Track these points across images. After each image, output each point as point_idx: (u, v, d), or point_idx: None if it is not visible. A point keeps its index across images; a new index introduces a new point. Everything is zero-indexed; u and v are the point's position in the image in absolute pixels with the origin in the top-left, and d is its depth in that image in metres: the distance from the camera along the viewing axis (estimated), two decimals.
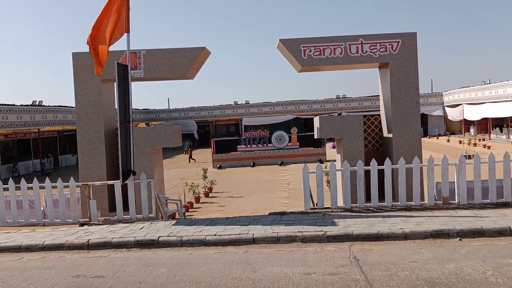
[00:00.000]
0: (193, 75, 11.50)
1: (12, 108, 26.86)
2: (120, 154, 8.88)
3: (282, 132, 28.82)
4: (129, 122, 9.10)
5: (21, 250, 7.68)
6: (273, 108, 48.45)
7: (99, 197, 10.40)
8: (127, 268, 6.44)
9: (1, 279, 6.24)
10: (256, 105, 48.97)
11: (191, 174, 22.73)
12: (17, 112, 27.20)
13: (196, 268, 6.26)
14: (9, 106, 26.73)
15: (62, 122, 32.12)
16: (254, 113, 48.06)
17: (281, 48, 10.84)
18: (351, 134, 10.24)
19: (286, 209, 11.66)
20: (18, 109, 27.35)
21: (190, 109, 50.17)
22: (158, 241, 7.47)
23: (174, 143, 10.78)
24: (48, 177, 10.09)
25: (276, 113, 47.33)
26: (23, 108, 27.95)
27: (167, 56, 10.76)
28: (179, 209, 10.99)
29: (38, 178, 9.77)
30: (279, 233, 7.37)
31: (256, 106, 48.94)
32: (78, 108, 10.93)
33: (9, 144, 30.84)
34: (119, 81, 8.93)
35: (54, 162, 33.00)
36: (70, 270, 6.48)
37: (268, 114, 47.40)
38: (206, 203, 15.29)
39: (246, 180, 20.68)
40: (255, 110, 48.50)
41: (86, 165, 10.78)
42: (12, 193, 9.62)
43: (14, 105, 27.32)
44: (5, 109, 26.14)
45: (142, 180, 9.26)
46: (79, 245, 7.61)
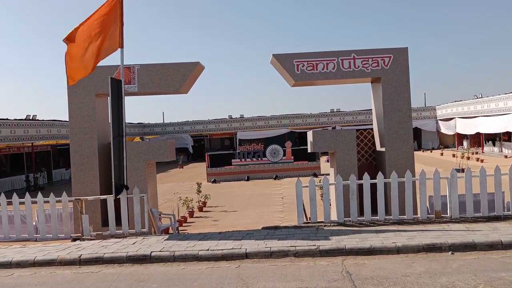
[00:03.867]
0: (187, 90, 11.55)
1: (6, 122, 26.73)
2: (113, 169, 8.86)
3: (277, 146, 28.86)
4: (122, 137, 9.11)
5: (11, 266, 7.60)
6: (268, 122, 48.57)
7: (92, 212, 10.35)
8: (119, 284, 6.39)
9: None
10: (250, 119, 49.08)
11: (185, 189, 22.66)
12: (11, 126, 27.07)
13: (188, 283, 6.22)
14: (2, 120, 26.59)
15: (56, 137, 31.97)
16: (249, 127, 48.17)
17: (275, 63, 10.93)
18: (344, 148, 10.29)
19: (280, 223, 11.63)
20: (11, 123, 27.22)
21: (184, 123, 50.19)
22: (151, 256, 7.42)
23: (168, 157, 10.78)
24: (41, 191, 10.04)
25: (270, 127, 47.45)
26: (16, 122, 27.82)
27: (161, 71, 10.82)
28: (172, 224, 10.94)
29: (31, 193, 9.71)
30: (272, 248, 7.35)
31: (251, 120, 49.05)
32: (72, 122, 10.93)
33: (1, 159, 30.64)
34: (113, 95, 8.96)
35: (47, 176, 32.77)
36: (61, 286, 6.43)
37: (263, 128, 47.51)
38: (200, 217, 15.22)
39: (240, 194, 20.64)
40: (249, 124, 48.60)
41: (79, 180, 10.74)
42: (4, 208, 9.55)
43: (8, 119, 27.19)
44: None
45: (135, 194, 9.24)
46: (71, 260, 7.55)
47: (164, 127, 50.75)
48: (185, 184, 25.43)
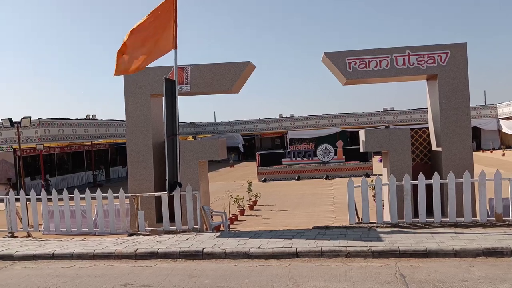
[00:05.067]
0: (238, 89, 11.68)
1: (68, 122, 28.26)
2: (167, 167, 9.13)
3: (328, 145, 28.56)
4: (176, 136, 9.35)
5: (73, 258, 8.01)
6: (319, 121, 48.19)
7: (147, 208, 10.69)
8: (172, 278, 6.57)
9: (54, 285, 6.54)
10: (301, 118, 48.89)
11: (236, 187, 22.92)
12: (72, 125, 28.58)
13: (239, 280, 6.29)
14: (65, 120, 28.14)
15: (113, 135, 33.40)
16: (299, 126, 47.99)
17: (326, 61, 10.82)
18: (397, 147, 10.02)
19: (331, 223, 11.51)
20: (73, 123, 28.74)
21: (235, 123, 50.79)
22: (203, 252, 7.58)
23: (220, 156, 10.95)
24: (99, 188, 10.50)
25: (321, 126, 47.04)
26: (77, 122, 29.34)
27: (212, 70, 11.00)
28: (223, 221, 11.11)
29: (90, 189, 10.18)
30: (323, 248, 7.29)
31: (302, 119, 48.86)
32: (128, 121, 11.34)
33: (64, 157, 32.33)
34: (167, 95, 9.21)
35: (105, 173, 34.25)
36: (119, 278, 6.70)
37: (314, 127, 47.18)
38: (251, 216, 15.34)
39: (290, 194, 20.61)
40: (300, 123, 48.43)
41: (135, 177, 11.13)
42: (66, 203, 10.07)
43: (70, 119, 28.74)
44: (61, 123, 27.54)
45: (188, 192, 9.46)
46: (127, 254, 7.85)
47: (216, 126, 51.59)
48: (236, 183, 25.72)
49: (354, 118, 47.58)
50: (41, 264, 7.86)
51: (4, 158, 25.50)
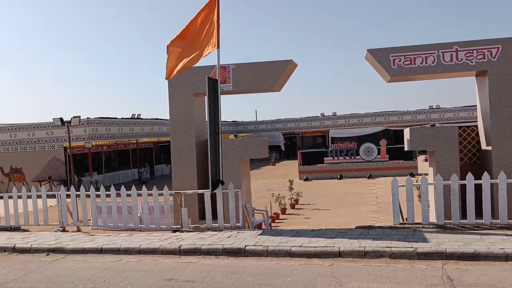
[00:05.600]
0: (280, 88, 11.67)
1: (114, 121, 29.21)
2: (210, 165, 9.26)
3: (371, 144, 28.04)
4: (219, 134, 9.47)
5: (120, 252, 8.28)
6: (361, 119, 47.43)
7: (190, 205, 10.88)
8: (215, 274, 6.67)
9: (102, 278, 6.79)
10: (343, 117, 48.29)
11: (277, 186, 22.92)
12: (118, 124, 29.50)
13: (281, 278, 6.30)
14: (111, 119, 29.10)
15: (157, 134, 34.20)
16: (342, 125, 47.39)
17: (369, 59, 10.64)
18: (444, 146, 9.71)
19: (374, 223, 11.30)
20: (119, 122, 29.67)
21: (277, 121, 50.80)
22: (245, 250, 7.64)
23: (261, 155, 10.99)
24: (144, 185, 10.78)
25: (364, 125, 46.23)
26: (123, 121, 30.26)
27: (254, 69, 11.05)
28: (265, 220, 11.14)
29: (136, 186, 10.48)
30: (366, 248, 7.18)
31: (344, 117, 48.25)
32: (172, 120, 11.58)
33: (110, 155, 33.41)
34: (209, 94, 9.34)
35: (150, 171, 35.12)
36: (163, 273, 6.87)
37: (356, 126, 46.42)
38: (292, 214, 15.31)
39: (332, 193, 20.40)
40: (342, 122, 47.83)
41: (178, 175, 11.35)
42: (113, 200, 10.41)
43: (116, 118, 29.69)
44: (108, 122, 28.48)
45: (230, 190, 9.55)
46: (171, 250, 8.03)
47: (257, 125, 51.80)
48: (277, 182, 25.73)
49: (398, 116, 46.49)
50: (90, 257, 8.18)
51: (56, 156, 26.63)
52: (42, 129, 26.65)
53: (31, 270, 7.46)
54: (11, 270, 7.58)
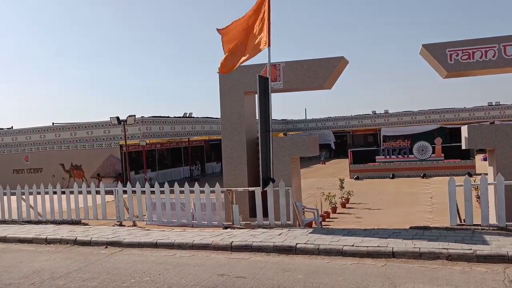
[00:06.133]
0: (331, 85, 11.54)
1: (167, 119, 30.05)
2: (261, 162, 9.32)
3: (425, 142, 27.12)
4: (269, 132, 9.51)
5: (174, 247, 8.52)
6: (415, 117, 46.02)
7: (241, 203, 10.99)
8: (267, 271, 6.71)
9: (158, 271, 7.01)
10: (395, 115, 47.05)
11: (327, 184, 22.69)
12: (171, 123, 30.31)
13: (333, 277, 6.25)
14: (164, 118, 29.95)
15: (208, 132, 34.82)
16: (394, 123, 46.17)
17: (424, 54, 10.30)
18: (505, 144, 9.25)
19: (428, 224, 10.94)
20: (172, 121, 30.48)
21: (327, 119, 50.29)
22: (296, 248, 7.63)
23: (312, 153, 10.93)
24: (197, 182, 11.01)
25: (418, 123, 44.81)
26: (176, 120, 31.06)
27: (305, 67, 10.99)
28: (315, 218, 11.08)
29: (188, 183, 10.71)
30: (421, 249, 6.97)
31: (396, 115, 47.01)
32: (223, 118, 11.74)
33: (163, 152, 34.37)
34: (260, 92, 9.39)
35: (201, 169, 35.82)
36: (216, 268, 6.99)
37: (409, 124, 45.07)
38: (343, 213, 15.12)
39: (384, 192, 19.94)
40: (394, 120, 46.61)
41: (229, 172, 11.51)
42: (167, 196, 10.71)
43: (169, 117, 30.52)
44: (161, 121, 29.34)
45: (281, 187, 9.57)
46: (223, 246, 8.16)
47: (307, 123, 51.52)
48: (327, 180, 25.47)
49: (454, 114, 44.71)
50: (145, 251, 8.47)
51: (112, 154, 27.74)
52: (100, 127, 27.84)
53: (91, 262, 7.83)
54: (73, 261, 7.99)
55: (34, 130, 29.75)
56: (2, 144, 30.71)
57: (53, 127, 29.64)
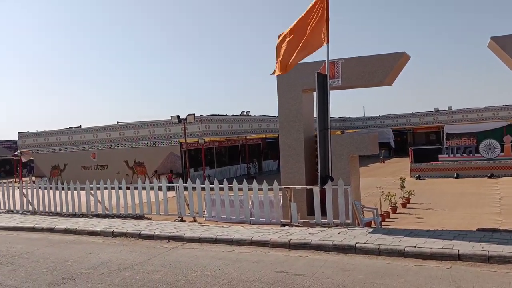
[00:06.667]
0: (392, 81, 11.23)
1: (225, 118, 30.55)
2: (319, 160, 9.24)
3: (493, 140, 25.68)
4: (328, 130, 9.41)
5: (233, 243, 8.66)
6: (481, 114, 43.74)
7: (299, 201, 10.96)
8: (326, 270, 6.66)
9: (218, 266, 7.16)
10: (460, 111, 44.97)
11: (387, 183, 22.11)
12: (229, 121, 30.79)
13: (394, 278, 6.10)
14: (222, 116, 30.47)
15: (265, 130, 35.01)
16: (458, 120, 44.13)
17: (493, 47, 9.77)
18: None
19: (497, 226, 10.39)
20: (229, 119, 30.96)
21: (386, 117, 48.96)
22: (355, 247, 7.52)
23: (371, 151, 10.70)
24: (253, 180, 11.11)
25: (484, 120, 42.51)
26: (233, 118, 31.51)
27: (364, 63, 10.77)
28: (375, 218, 10.84)
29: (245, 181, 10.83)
30: (490, 252, 6.63)
31: (460, 112, 44.93)
32: (281, 116, 11.76)
33: (221, 150, 34.97)
34: (319, 90, 9.31)
35: (258, 167, 36.08)
36: (274, 265, 7.04)
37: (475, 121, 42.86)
38: (403, 214, 14.67)
39: (448, 192, 19.11)
40: (459, 117, 44.56)
41: (287, 170, 11.51)
42: (226, 193, 10.90)
43: (227, 116, 31.02)
44: (220, 119, 29.87)
45: (340, 186, 9.45)
46: (281, 243, 8.19)
47: (365, 121, 50.44)
48: (386, 179, 24.83)
49: None
50: (205, 246, 8.67)
51: (173, 151, 28.61)
52: (161, 126, 28.79)
53: (154, 255, 8.14)
54: (137, 254, 8.34)
55: (101, 128, 31.30)
56: (71, 142, 32.57)
57: (117, 126, 31.03)
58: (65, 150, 32.74)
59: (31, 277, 7.12)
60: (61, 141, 33.06)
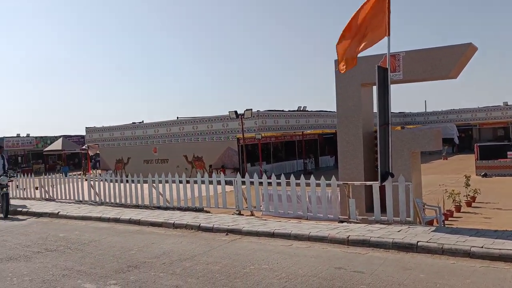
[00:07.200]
0: (457, 74, 10.74)
1: (281, 113, 30.55)
2: (379, 156, 9.05)
3: None
4: (388, 125, 9.18)
5: (290, 237, 8.68)
6: None
7: (357, 197, 10.77)
8: (386, 268, 6.53)
9: (275, 260, 7.22)
10: None
11: (450, 181, 21.20)
12: (286, 117, 30.76)
13: (459, 279, 5.86)
14: (279, 111, 30.48)
15: (322, 126, 34.64)
16: None
17: None
18: None
19: None
20: (286, 114, 30.92)
21: (449, 112, 46.88)
22: (417, 245, 7.30)
23: (433, 147, 10.31)
24: (310, 176, 11.06)
25: None
26: (290, 113, 31.44)
27: (427, 56, 10.36)
28: (437, 216, 10.43)
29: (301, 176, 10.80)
30: None
31: None
32: (339, 111, 11.59)
33: (278, 145, 35.03)
34: (379, 84, 9.10)
35: (314, 162, 35.83)
36: (332, 261, 6.99)
37: None
38: (468, 213, 14.00)
39: None
40: None
41: (345, 166, 11.33)
42: (283, 188, 10.93)
43: (283, 111, 31.00)
44: (276, 114, 29.92)
45: (400, 183, 9.20)
46: (340, 239, 8.11)
47: (427, 116, 48.59)
48: (449, 177, 23.80)
49: None
50: (263, 240, 8.76)
51: (230, 146, 29.03)
52: (219, 121, 29.28)
53: (214, 247, 8.34)
54: (197, 245, 8.58)
55: (161, 124, 32.34)
56: (134, 136, 33.92)
57: (177, 121, 31.91)
58: (129, 144, 34.16)
59: (99, 264, 7.52)
60: (124, 135, 34.52)
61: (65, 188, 16.05)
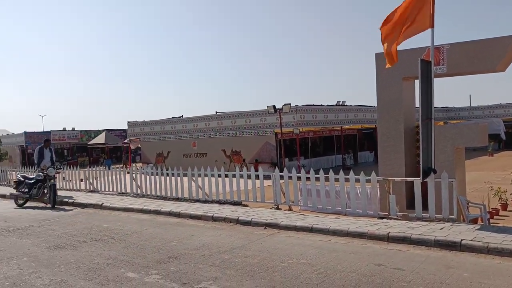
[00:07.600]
0: (504, 68, 10.30)
1: (320, 108, 30.30)
2: (421, 152, 8.83)
3: None
4: (431, 120, 8.94)
5: (329, 233, 8.62)
6: None
7: (397, 193, 10.56)
8: (427, 266, 6.39)
9: (314, 255, 7.20)
10: None
11: (496, 178, 20.43)
12: (324, 111, 30.49)
13: (506, 280, 5.66)
14: (317, 106, 30.25)
15: (361, 121, 34.13)
16: None
17: None
18: None
19: None
20: (325, 109, 30.65)
21: (496, 106, 45.11)
22: (461, 244, 7.09)
23: (479, 143, 9.96)
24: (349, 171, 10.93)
25: None
26: (329, 108, 31.14)
27: (473, 48, 10.00)
28: (482, 214, 10.09)
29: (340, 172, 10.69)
30: None
31: None
32: (380, 106, 11.37)
33: (316, 140, 34.79)
34: (422, 77, 8.87)
35: (353, 158, 35.36)
36: (372, 258, 6.90)
37: None
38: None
39: None
40: None
41: (385, 161, 11.13)
42: (322, 183, 10.86)
43: (322, 106, 30.74)
44: (315, 109, 29.71)
45: (443, 179, 8.95)
46: (379, 236, 7.99)
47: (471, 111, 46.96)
48: (495, 174, 22.94)
49: None
50: (301, 235, 8.75)
51: (268, 141, 29.08)
52: (257, 116, 29.37)
53: (252, 240, 8.40)
54: (236, 238, 8.67)
55: (200, 118, 32.77)
56: (174, 131, 34.55)
57: (216, 116, 32.25)
58: (169, 138, 34.84)
59: (141, 254, 7.74)
60: (165, 130, 35.22)
61: (108, 181, 16.58)
